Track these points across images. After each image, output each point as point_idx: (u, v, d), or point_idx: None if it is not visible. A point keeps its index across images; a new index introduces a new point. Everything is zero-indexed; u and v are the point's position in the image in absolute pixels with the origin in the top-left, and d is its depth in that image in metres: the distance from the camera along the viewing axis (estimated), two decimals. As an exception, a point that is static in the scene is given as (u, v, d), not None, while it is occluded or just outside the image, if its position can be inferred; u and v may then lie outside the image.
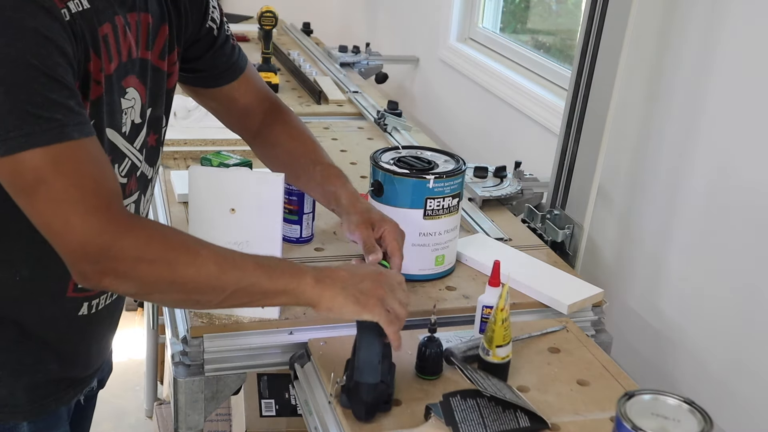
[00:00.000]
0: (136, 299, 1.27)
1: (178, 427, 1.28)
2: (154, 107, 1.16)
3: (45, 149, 0.90)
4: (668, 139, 1.65)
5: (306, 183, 1.40)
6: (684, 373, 1.62)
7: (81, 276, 0.95)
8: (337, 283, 1.07)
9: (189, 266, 0.99)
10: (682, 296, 1.63)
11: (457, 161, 1.47)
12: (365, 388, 1.06)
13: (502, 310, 1.14)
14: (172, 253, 0.98)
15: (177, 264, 0.98)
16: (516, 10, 2.85)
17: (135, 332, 3.03)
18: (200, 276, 0.99)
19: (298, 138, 1.40)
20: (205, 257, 1.00)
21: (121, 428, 2.63)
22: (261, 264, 1.04)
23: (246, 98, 1.38)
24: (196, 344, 1.26)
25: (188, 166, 1.60)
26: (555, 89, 2.27)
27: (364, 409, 1.07)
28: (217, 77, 1.34)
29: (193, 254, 0.99)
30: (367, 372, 1.06)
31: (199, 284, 1.00)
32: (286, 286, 1.04)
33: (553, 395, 1.17)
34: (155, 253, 0.97)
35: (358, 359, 1.07)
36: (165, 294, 1.02)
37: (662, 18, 1.67)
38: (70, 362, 1.19)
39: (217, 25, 1.29)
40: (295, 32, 3.57)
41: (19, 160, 0.89)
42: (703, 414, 0.93)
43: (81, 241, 0.92)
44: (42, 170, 0.90)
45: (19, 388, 1.12)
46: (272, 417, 1.93)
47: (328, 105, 2.53)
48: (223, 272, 1.00)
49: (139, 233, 0.96)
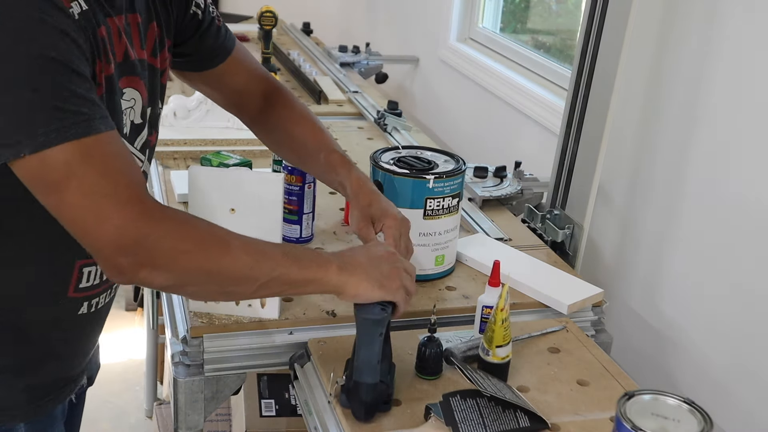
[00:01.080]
0: (167, 292, 1.24)
1: (178, 427, 1.28)
2: (153, 106, 1.16)
3: (75, 143, 0.89)
4: (668, 139, 1.65)
5: (312, 169, 1.39)
6: (684, 373, 1.62)
7: (116, 270, 0.93)
8: (358, 269, 1.07)
9: (224, 257, 0.97)
10: (682, 296, 1.63)
11: (457, 161, 1.47)
12: (365, 388, 1.06)
13: (502, 310, 1.14)
14: (207, 244, 0.97)
15: (212, 254, 0.96)
16: (516, 10, 2.85)
17: (135, 332, 3.03)
18: (236, 266, 0.98)
19: (301, 122, 1.38)
20: (236, 248, 0.99)
21: (121, 428, 2.63)
22: (288, 254, 1.03)
23: (238, 79, 1.35)
24: (196, 344, 1.26)
25: (188, 166, 1.60)
26: (555, 89, 2.27)
27: (363, 409, 1.07)
28: (206, 60, 1.31)
29: (225, 244, 0.98)
30: (366, 372, 1.06)
31: (234, 275, 0.99)
32: (314, 276, 1.04)
33: (553, 395, 1.17)
34: (191, 243, 0.95)
35: (358, 359, 1.07)
36: (200, 286, 1.00)
37: (662, 18, 1.67)
38: (69, 361, 1.19)
39: (201, 9, 1.26)
40: (295, 32, 3.57)
41: (49, 156, 0.88)
42: (703, 414, 0.93)
43: (116, 233, 0.90)
44: (72, 164, 0.89)
45: (18, 389, 1.12)
46: (272, 417, 1.93)
47: (328, 105, 2.53)
48: (256, 262, 0.99)
49: (173, 223, 0.95)
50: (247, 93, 1.37)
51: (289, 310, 1.32)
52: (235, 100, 1.39)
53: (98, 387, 1.37)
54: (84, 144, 0.90)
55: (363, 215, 1.26)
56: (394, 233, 1.24)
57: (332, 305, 1.34)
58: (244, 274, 0.99)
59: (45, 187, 0.91)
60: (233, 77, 1.35)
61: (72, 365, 1.20)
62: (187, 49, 1.28)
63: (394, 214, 1.26)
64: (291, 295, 1.13)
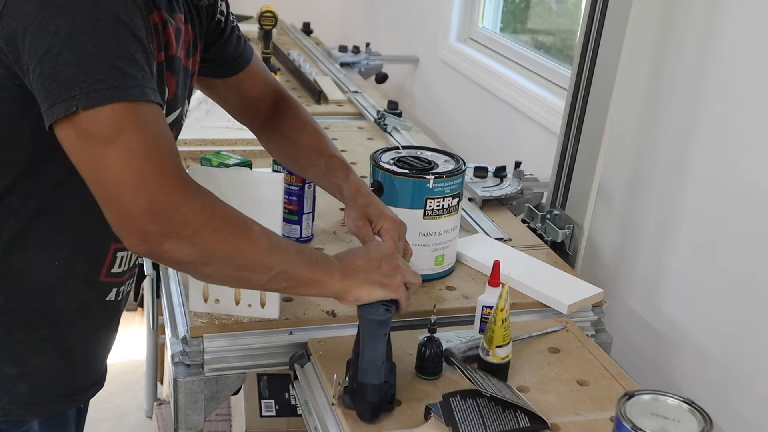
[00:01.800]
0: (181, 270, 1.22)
1: (178, 427, 1.29)
2: (182, 106, 1.17)
3: (128, 104, 0.89)
4: (668, 138, 1.65)
5: (313, 175, 1.40)
6: (684, 373, 1.62)
7: (141, 237, 0.91)
8: (359, 273, 1.08)
9: (246, 239, 0.98)
10: (682, 296, 1.63)
11: (457, 161, 1.47)
12: (370, 389, 1.07)
13: (502, 310, 1.14)
14: (233, 225, 0.98)
15: (237, 235, 0.97)
16: (516, 10, 2.85)
17: (135, 332, 3.03)
18: (255, 251, 0.99)
19: (304, 129, 1.39)
20: (257, 234, 1.00)
21: (121, 428, 2.63)
22: (300, 251, 1.05)
23: (254, 89, 1.38)
24: (196, 344, 1.26)
25: (188, 166, 1.60)
26: (555, 89, 2.27)
27: (369, 410, 1.07)
28: (226, 67, 1.34)
29: (249, 228, 0.99)
30: (371, 373, 1.06)
31: (251, 260, 1.00)
32: (319, 278, 1.06)
33: (553, 395, 1.17)
34: (219, 221, 0.96)
35: (362, 360, 1.07)
36: (218, 266, 0.99)
37: (662, 18, 1.67)
38: (91, 358, 1.19)
39: (224, 16, 1.29)
40: (295, 32, 3.57)
41: (101, 111, 0.88)
42: (703, 414, 0.93)
43: (151, 199, 0.90)
44: (123, 123, 0.89)
45: (40, 385, 1.12)
46: (272, 417, 1.93)
47: (328, 105, 2.53)
48: (272, 251, 1.01)
49: (205, 200, 0.96)
50: (259, 102, 1.39)
51: (289, 310, 1.32)
52: (248, 109, 1.40)
53: (98, 387, 1.37)
54: (137, 107, 0.90)
55: (360, 215, 1.26)
56: (393, 235, 1.24)
57: (332, 305, 1.34)
58: (260, 260, 1.00)
59: (89, 144, 0.90)
60: (250, 86, 1.37)
61: (93, 364, 1.20)
62: (212, 54, 1.30)
63: (391, 216, 1.27)
64: (295, 293, 1.15)
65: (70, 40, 0.87)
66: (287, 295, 1.35)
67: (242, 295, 1.28)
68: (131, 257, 1.16)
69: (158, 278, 1.51)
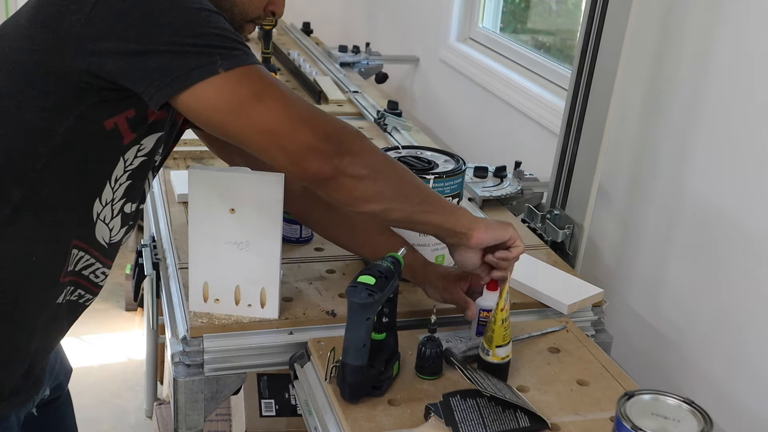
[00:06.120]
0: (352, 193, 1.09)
1: (178, 427, 1.29)
2: None
3: (258, 65, 1.01)
4: (668, 139, 1.65)
5: (365, 251, 1.39)
6: (684, 373, 1.62)
7: (322, 157, 1.01)
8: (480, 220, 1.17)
9: (394, 163, 1.11)
10: (682, 296, 1.63)
11: (457, 161, 1.47)
12: (350, 369, 1.09)
13: (502, 310, 1.14)
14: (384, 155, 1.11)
15: (390, 160, 1.11)
16: (516, 10, 2.85)
17: (135, 332, 3.04)
18: (405, 170, 1.12)
19: None
20: (399, 164, 1.13)
21: (121, 428, 2.62)
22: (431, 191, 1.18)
23: None
24: (196, 344, 1.26)
25: (188, 166, 1.60)
26: (555, 89, 2.27)
27: (348, 389, 1.10)
28: None
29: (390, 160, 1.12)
30: (352, 354, 1.09)
31: (406, 177, 1.12)
32: (456, 209, 1.16)
33: (553, 395, 1.17)
34: (369, 142, 1.09)
35: (345, 341, 1.09)
36: (386, 181, 1.08)
37: (662, 18, 1.67)
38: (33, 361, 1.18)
39: None
40: (295, 32, 3.57)
41: (247, 70, 0.99)
42: (703, 414, 0.93)
43: (318, 127, 1.01)
44: (265, 79, 1.01)
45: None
46: (272, 417, 1.93)
47: (328, 105, 2.53)
48: (413, 178, 1.13)
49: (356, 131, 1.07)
50: None
51: (289, 310, 1.33)
52: None
53: (98, 387, 1.37)
54: (261, 67, 1.02)
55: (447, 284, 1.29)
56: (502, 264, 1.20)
57: (332, 305, 1.34)
58: (412, 179, 1.13)
59: (243, 98, 0.98)
60: None
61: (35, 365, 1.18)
62: None
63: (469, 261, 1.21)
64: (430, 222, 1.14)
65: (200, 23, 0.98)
66: (287, 295, 1.35)
67: (242, 295, 1.28)
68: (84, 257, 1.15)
69: (158, 278, 1.51)
